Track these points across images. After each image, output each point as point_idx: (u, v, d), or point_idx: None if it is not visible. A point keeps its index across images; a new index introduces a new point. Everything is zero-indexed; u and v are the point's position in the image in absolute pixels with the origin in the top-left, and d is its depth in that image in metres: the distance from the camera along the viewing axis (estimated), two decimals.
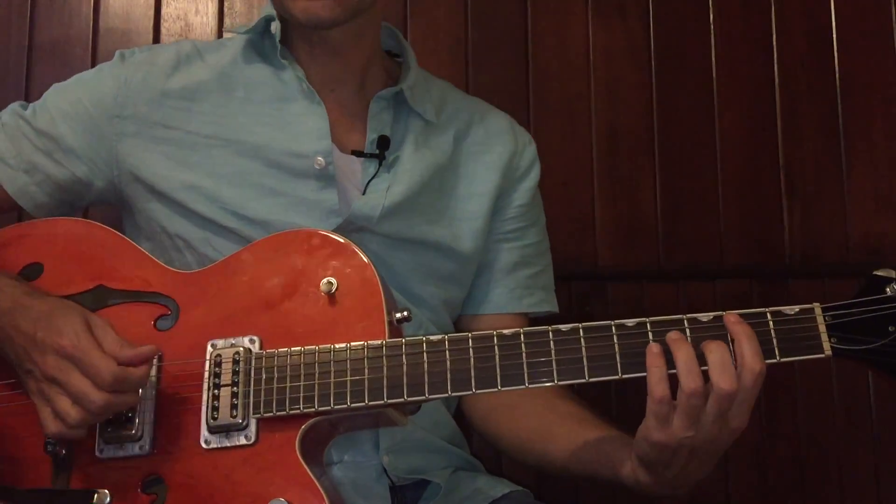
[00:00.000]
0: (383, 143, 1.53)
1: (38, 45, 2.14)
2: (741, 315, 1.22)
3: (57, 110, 1.53)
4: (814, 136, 2.31)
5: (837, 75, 2.32)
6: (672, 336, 1.20)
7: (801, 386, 2.22)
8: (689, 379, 1.17)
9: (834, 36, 2.33)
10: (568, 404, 1.51)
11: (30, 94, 2.10)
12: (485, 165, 1.64)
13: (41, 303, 1.31)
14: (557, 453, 1.45)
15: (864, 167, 2.30)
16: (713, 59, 2.31)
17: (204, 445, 1.26)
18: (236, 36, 1.60)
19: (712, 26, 2.32)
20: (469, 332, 1.28)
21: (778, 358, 1.20)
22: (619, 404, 2.16)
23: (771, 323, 1.21)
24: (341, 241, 1.34)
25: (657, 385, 1.18)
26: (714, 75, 2.31)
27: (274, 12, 1.56)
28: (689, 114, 2.29)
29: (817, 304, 1.22)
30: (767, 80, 2.32)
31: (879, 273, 1.22)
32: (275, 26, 1.55)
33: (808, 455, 2.21)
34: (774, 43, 2.33)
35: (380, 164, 1.53)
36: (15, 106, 1.57)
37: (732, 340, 1.20)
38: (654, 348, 1.20)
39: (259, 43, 1.58)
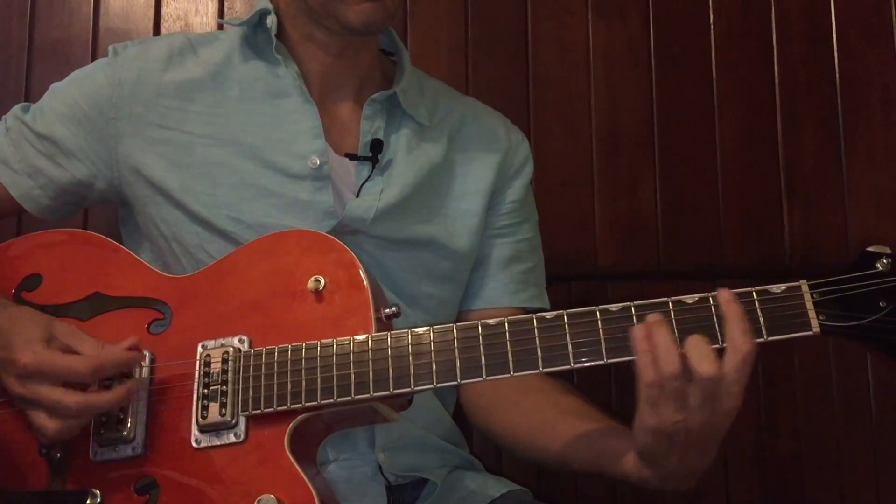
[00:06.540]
0: (376, 146, 1.53)
1: (38, 45, 2.15)
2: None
3: (55, 113, 1.53)
4: (814, 135, 2.31)
5: (837, 75, 2.32)
6: (652, 318, 1.17)
7: (800, 384, 2.22)
8: (665, 362, 1.14)
9: (834, 36, 2.33)
10: (570, 399, 1.49)
11: (30, 94, 2.11)
12: (479, 164, 1.64)
13: (2, 318, 1.30)
14: (558, 447, 1.43)
15: (864, 167, 2.30)
16: (713, 59, 2.31)
17: (195, 445, 1.27)
18: (231, 28, 1.59)
19: (712, 26, 2.32)
20: None
21: (766, 337, 1.18)
22: (618, 397, 2.16)
23: (757, 302, 1.19)
24: (329, 239, 1.34)
25: (646, 370, 1.15)
26: (714, 75, 2.31)
27: (269, 6, 1.55)
28: (689, 114, 2.29)
29: (804, 281, 1.19)
30: (767, 80, 2.31)
31: (872, 249, 1.19)
32: (270, 20, 1.54)
33: (807, 454, 2.21)
34: (774, 43, 2.33)
35: (373, 167, 1.53)
36: (17, 110, 1.57)
37: (721, 318, 1.17)
38: (637, 332, 1.16)
39: (253, 37, 1.57)
